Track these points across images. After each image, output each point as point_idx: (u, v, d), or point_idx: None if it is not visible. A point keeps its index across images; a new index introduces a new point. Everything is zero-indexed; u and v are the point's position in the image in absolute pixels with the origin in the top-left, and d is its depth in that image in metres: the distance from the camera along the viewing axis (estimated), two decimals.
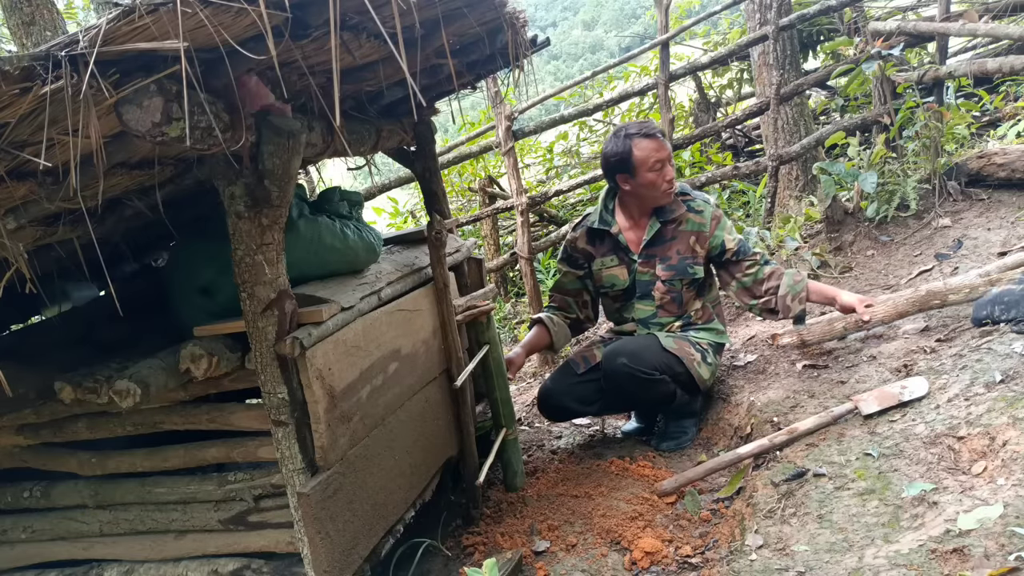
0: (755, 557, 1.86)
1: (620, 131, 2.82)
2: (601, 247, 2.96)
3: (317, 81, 1.58)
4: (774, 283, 2.83)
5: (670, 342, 2.78)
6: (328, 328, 1.83)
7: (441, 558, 2.32)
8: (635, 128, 2.78)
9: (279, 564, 1.90)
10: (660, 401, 2.81)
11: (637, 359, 2.69)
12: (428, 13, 1.56)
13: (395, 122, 2.44)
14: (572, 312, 3.08)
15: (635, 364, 2.67)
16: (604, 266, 2.96)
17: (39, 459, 2.07)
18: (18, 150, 1.19)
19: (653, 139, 2.74)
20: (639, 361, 2.69)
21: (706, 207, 2.87)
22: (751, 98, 7.15)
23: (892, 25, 4.94)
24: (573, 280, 3.05)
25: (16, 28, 4.36)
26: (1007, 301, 2.40)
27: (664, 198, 2.81)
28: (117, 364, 1.80)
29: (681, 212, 2.85)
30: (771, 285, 2.83)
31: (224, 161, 1.56)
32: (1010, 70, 4.01)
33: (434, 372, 2.42)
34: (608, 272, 2.95)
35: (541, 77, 24.50)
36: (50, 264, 1.80)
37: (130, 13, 1.04)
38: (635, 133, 2.76)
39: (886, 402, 2.22)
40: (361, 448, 1.96)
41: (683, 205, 2.86)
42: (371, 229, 2.30)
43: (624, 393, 2.79)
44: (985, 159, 3.74)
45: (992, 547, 1.51)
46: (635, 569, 2.02)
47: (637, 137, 2.75)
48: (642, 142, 2.74)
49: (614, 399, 2.88)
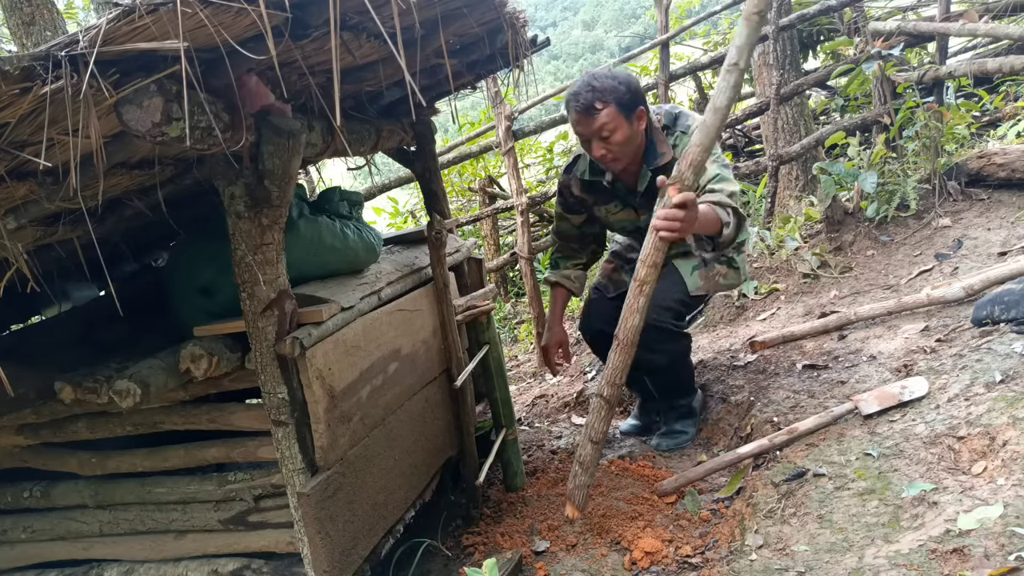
0: (755, 557, 1.86)
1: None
2: (600, 196, 2.76)
3: (317, 81, 1.58)
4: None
5: (696, 281, 2.66)
6: (328, 328, 1.83)
7: (441, 558, 2.32)
8: (569, 94, 2.44)
9: (279, 564, 1.90)
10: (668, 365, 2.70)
11: (661, 310, 2.55)
12: (428, 13, 1.57)
13: (395, 122, 2.44)
14: (581, 256, 2.96)
15: (660, 317, 2.54)
16: (610, 213, 2.79)
17: (39, 459, 2.07)
18: (18, 150, 1.19)
19: (573, 112, 2.42)
20: (664, 312, 2.56)
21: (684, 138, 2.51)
22: (751, 98, 7.15)
23: (892, 25, 4.94)
24: (575, 227, 2.90)
25: (16, 28, 4.36)
26: (1007, 301, 2.40)
27: (612, 167, 2.54)
28: (117, 364, 1.80)
29: (668, 156, 2.52)
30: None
31: (224, 161, 1.56)
32: (1010, 70, 4.02)
33: (434, 372, 2.42)
34: (616, 217, 2.81)
35: (541, 77, 24.48)
36: (50, 264, 1.80)
37: (130, 13, 1.04)
38: (567, 101, 2.45)
39: (886, 402, 2.22)
40: (361, 448, 1.95)
41: (669, 146, 2.53)
42: (371, 229, 2.30)
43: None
44: (985, 159, 3.74)
45: (992, 547, 1.51)
46: (635, 569, 2.02)
47: (567, 107, 2.46)
48: (570, 115, 2.47)
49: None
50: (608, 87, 2.35)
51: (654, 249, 1.98)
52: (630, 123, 2.41)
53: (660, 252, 1.99)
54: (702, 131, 1.94)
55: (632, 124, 2.41)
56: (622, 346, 2.03)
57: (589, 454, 1.99)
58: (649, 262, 1.98)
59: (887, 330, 2.78)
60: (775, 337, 3.09)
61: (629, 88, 2.38)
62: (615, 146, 2.41)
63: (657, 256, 1.97)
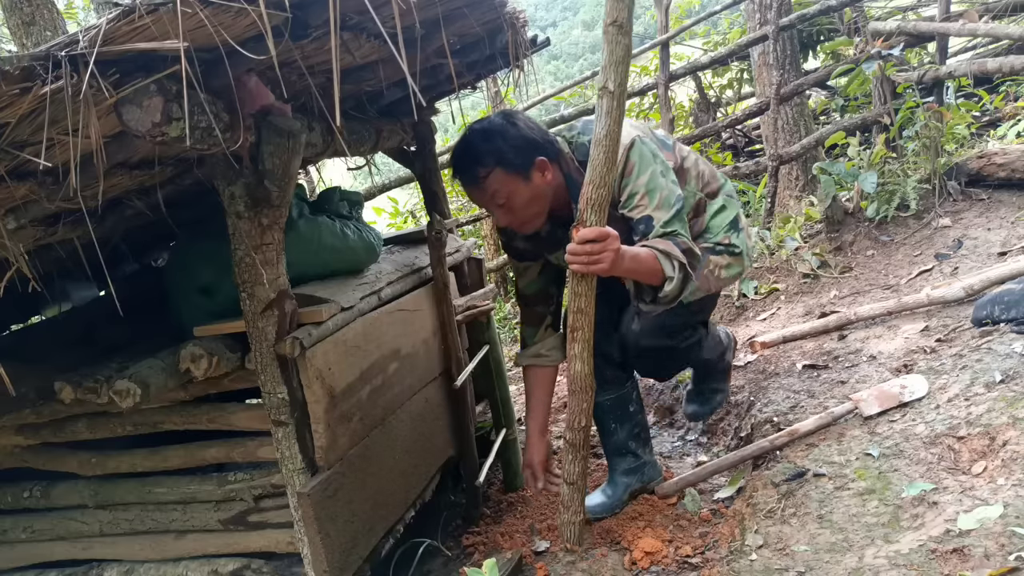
0: (755, 557, 1.86)
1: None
2: (544, 243, 2.22)
3: (317, 81, 1.58)
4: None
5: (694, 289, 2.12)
6: (328, 328, 1.83)
7: (441, 558, 2.32)
8: (451, 158, 2.04)
9: (279, 564, 1.91)
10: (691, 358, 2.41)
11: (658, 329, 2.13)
12: (428, 13, 1.56)
13: (395, 122, 2.44)
14: (549, 314, 2.36)
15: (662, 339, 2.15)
16: (560, 259, 2.15)
17: (39, 459, 2.07)
18: (18, 150, 1.19)
19: (459, 182, 2.05)
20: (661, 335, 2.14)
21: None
22: (751, 98, 7.15)
23: (892, 25, 4.94)
24: (536, 279, 2.30)
25: (16, 28, 4.36)
26: (1007, 301, 2.40)
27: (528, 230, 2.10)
28: (117, 364, 1.80)
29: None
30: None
31: (224, 161, 1.56)
32: (1010, 70, 4.02)
33: (434, 372, 2.42)
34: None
35: (541, 77, 24.38)
36: (50, 264, 1.80)
37: (130, 13, 1.04)
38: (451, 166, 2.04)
39: (886, 402, 2.22)
40: (361, 448, 1.95)
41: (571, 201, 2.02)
42: (371, 229, 2.30)
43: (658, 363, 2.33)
44: (985, 159, 3.74)
45: (992, 547, 1.51)
46: (635, 569, 2.02)
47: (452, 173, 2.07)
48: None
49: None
50: (487, 148, 1.91)
51: (574, 295, 1.69)
52: (527, 181, 1.94)
53: (584, 297, 1.71)
54: (590, 167, 1.67)
55: (531, 181, 1.94)
56: (574, 393, 1.80)
57: (567, 495, 1.84)
58: (574, 307, 1.69)
59: (887, 330, 2.77)
60: (775, 337, 3.10)
61: (515, 141, 1.91)
62: (519, 211, 1.99)
63: (581, 301, 1.69)
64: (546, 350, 2.31)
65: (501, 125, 1.94)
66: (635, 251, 1.83)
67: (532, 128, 1.98)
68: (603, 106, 1.59)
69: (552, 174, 1.98)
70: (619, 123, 1.60)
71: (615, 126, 1.60)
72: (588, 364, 1.77)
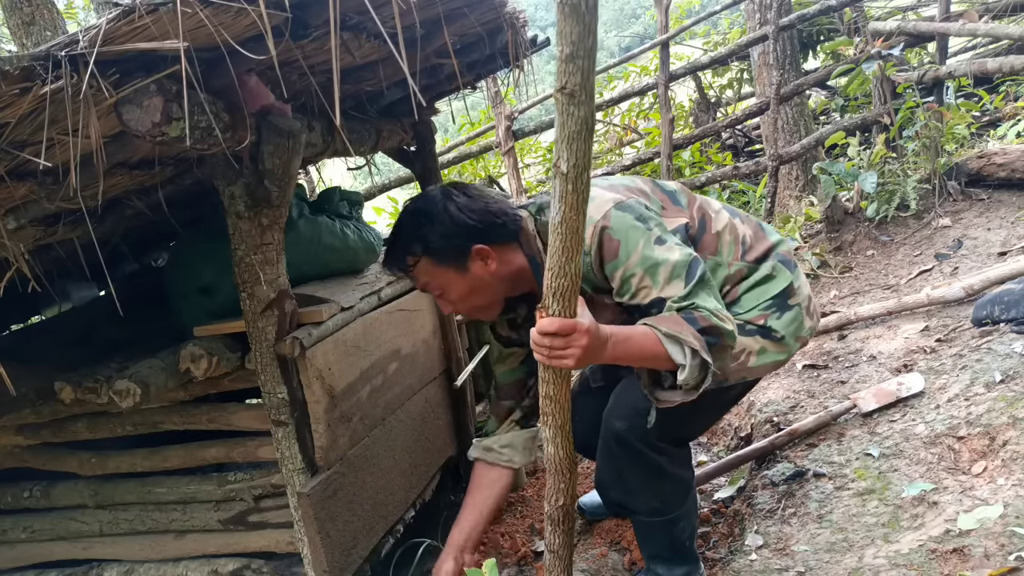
0: (755, 557, 1.86)
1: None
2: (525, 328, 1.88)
3: (317, 81, 1.58)
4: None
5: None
6: (328, 328, 1.83)
7: None
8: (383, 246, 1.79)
9: (279, 564, 1.90)
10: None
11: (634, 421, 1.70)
12: (428, 13, 1.56)
13: (395, 122, 2.44)
14: (519, 408, 1.96)
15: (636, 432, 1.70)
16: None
17: (39, 459, 2.07)
18: (18, 150, 1.19)
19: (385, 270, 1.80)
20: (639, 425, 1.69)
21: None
22: (751, 98, 7.15)
23: (892, 25, 4.94)
24: (518, 367, 1.95)
25: (16, 28, 4.36)
26: (1007, 301, 2.40)
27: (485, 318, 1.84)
28: (117, 364, 1.80)
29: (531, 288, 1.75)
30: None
31: (224, 161, 1.56)
32: (1010, 70, 4.02)
33: (434, 372, 2.42)
34: None
35: (541, 77, 24.37)
36: (50, 264, 1.80)
37: (130, 13, 1.04)
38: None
39: (884, 399, 2.22)
40: (361, 448, 1.95)
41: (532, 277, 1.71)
42: (371, 229, 2.30)
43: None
44: (985, 159, 3.74)
45: (992, 547, 1.51)
46: (635, 569, 2.02)
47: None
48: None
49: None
50: (415, 235, 1.64)
51: (542, 382, 1.46)
52: (463, 271, 1.65)
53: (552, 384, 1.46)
54: (549, 255, 1.38)
55: (468, 271, 1.65)
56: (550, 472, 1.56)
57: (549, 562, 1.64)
58: (543, 393, 1.46)
59: (887, 330, 2.78)
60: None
61: (446, 228, 1.62)
62: (459, 303, 1.72)
63: (550, 388, 1.46)
64: (499, 446, 1.91)
65: (434, 207, 1.64)
66: (626, 334, 1.46)
67: (473, 209, 1.64)
68: (556, 189, 1.33)
69: (495, 263, 1.66)
70: (576, 208, 1.31)
71: (571, 212, 1.32)
72: (563, 448, 1.53)
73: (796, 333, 1.71)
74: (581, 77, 1.20)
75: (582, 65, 1.18)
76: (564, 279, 1.40)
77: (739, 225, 1.76)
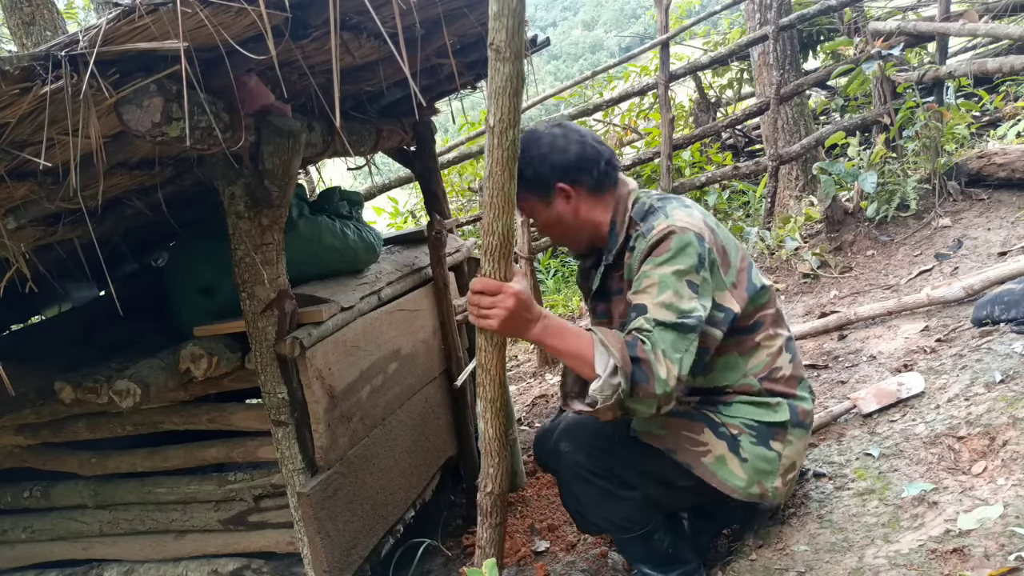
0: (755, 557, 1.86)
1: None
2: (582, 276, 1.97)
3: (317, 81, 1.58)
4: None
5: (654, 426, 1.70)
6: (328, 328, 1.83)
7: (441, 558, 2.32)
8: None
9: (279, 564, 1.91)
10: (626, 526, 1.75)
11: (580, 444, 1.73)
12: (428, 13, 1.57)
13: (395, 122, 2.44)
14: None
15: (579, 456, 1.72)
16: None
17: (39, 459, 2.07)
18: (18, 150, 1.19)
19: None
20: (583, 449, 1.72)
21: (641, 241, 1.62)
22: (751, 98, 7.15)
23: (892, 25, 4.94)
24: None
25: (16, 28, 4.36)
26: (1007, 301, 2.40)
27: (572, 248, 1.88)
28: (117, 364, 1.80)
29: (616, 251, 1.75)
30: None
31: (224, 161, 1.56)
32: (1010, 70, 4.01)
33: (434, 372, 2.42)
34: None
35: (541, 77, 24.45)
36: (50, 264, 1.80)
37: (130, 13, 1.04)
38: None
39: (884, 400, 2.22)
40: (361, 448, 1.96)
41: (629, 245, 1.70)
42: (371, 229, 2.30)
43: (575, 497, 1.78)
44: (985, 159, 3.74)
45: (992, 547, 1.51)
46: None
47: None
48: None
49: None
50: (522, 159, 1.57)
51: (478, 349, 1.46)
52: (548, 204, 1.72)
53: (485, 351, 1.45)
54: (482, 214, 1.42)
55: (552, 205, 1.72)
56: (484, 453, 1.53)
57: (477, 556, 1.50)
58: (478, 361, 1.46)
59: (887, 330, 2.78)
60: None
61: (536, 163, 1.69)
62: (544, 229, 1.80)
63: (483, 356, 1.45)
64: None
65: (536, 139, 1.71)
66: (564, 325, 1.51)
67: (566, 149, 1.70)
68: (487, 144, 1.35)
69: (578, 205, 1.72)
70: (504, 165, 1.33)
71: (497, 167, 1.34)
72: (494, 426, 1.50)
73: (761, 473, 1.65)
74: (506, 35, 1.26)
75: (507, 23, 1.25)
76: (492, 237, 1.42)
77: (783, 356, 1.73)
